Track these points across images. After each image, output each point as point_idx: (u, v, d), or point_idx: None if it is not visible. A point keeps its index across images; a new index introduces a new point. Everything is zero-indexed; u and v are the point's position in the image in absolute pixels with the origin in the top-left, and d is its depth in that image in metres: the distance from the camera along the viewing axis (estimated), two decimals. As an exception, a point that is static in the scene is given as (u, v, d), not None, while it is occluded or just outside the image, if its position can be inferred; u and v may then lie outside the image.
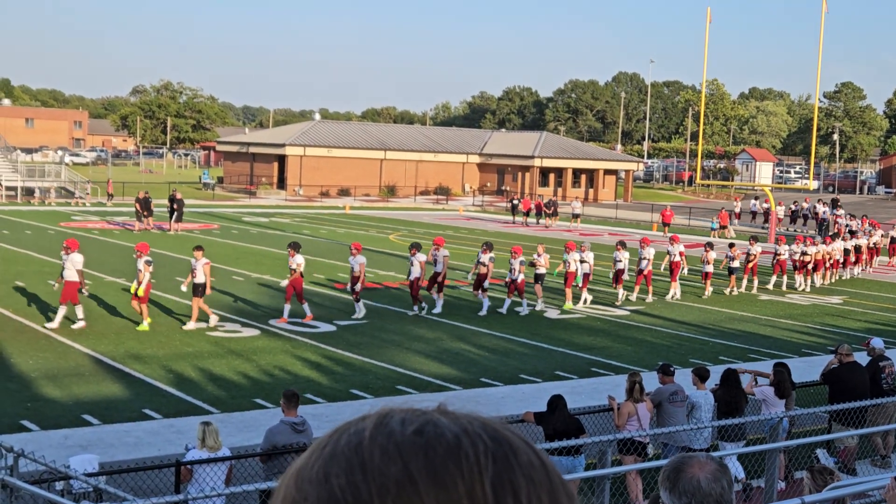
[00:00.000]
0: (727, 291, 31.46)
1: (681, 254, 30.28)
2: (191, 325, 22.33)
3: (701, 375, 13.39)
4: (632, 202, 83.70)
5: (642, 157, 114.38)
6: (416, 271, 24.83)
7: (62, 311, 21.86)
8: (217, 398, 16.62)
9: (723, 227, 54.77)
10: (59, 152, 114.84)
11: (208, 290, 22.73)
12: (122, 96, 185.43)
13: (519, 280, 25.98)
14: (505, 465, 0.95)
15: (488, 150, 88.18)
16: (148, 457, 12.89)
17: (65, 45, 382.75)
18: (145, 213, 46.50)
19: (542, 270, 26.84)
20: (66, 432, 14.39)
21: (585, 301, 27.94)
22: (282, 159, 79.69)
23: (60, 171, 71.95)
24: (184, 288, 23.33)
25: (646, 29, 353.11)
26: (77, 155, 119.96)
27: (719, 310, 28.48)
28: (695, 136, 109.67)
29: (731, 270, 31.55)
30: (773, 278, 33.24)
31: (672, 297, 29.85)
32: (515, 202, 63.38)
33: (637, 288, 29.06)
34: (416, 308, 25.15)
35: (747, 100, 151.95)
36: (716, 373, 14.59)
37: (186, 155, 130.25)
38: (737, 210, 63.13)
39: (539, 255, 26.89)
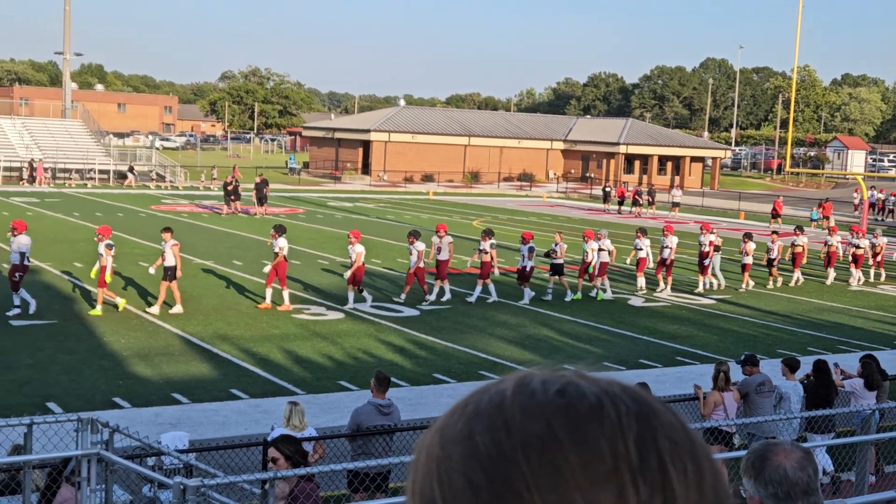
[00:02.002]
0: (770, 284, 29.78)
1: (711, 243, 28.60)
2: (162, 308, 21.83)
3: (790, 366, 13.16)
4: (718, 190, 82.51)
5: (730, 144, 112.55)
6: (414, 259, 24.13)
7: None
8: (302, 379, 16.84)
9: (825, 218, 51.68)
10: (150, 137, 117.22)
11: (178, 273, 22.01)
12: (211, 82, 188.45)
13: (528, 268, 25.13)
14: (647, 426, 0.95)
15: (573, 137, 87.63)
16: (235, 435, 13.12)
17: (156, 31, 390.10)
18: (233, 198, 47.22)
19: (559, 260, 26.11)
20: (156, 410, 14.72)
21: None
22: (367, 145, 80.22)
23: (151, 155, 73.43)
24: (152, 271, 22.60)
25: (735, 14, 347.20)
26: (167, 140, 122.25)
27: (808, 300, 27.95)
28: (784, 124, 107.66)
29: (770, 262, 29.82)
30: (831, 272, 31.50)
31: (716, 286, 28.71)
32: (608, 189, 62.25)
33: (661, 278, 27.82)
34: (428, 297, 24.43)
35: (839, 86, 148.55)
36: (804, 364, 14.32)
37: (273, 140, 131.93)
38: (855, 201, 61.02)
39: (557, 245, 26.23)
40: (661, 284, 27.80)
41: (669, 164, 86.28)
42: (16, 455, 8.81)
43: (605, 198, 61.18)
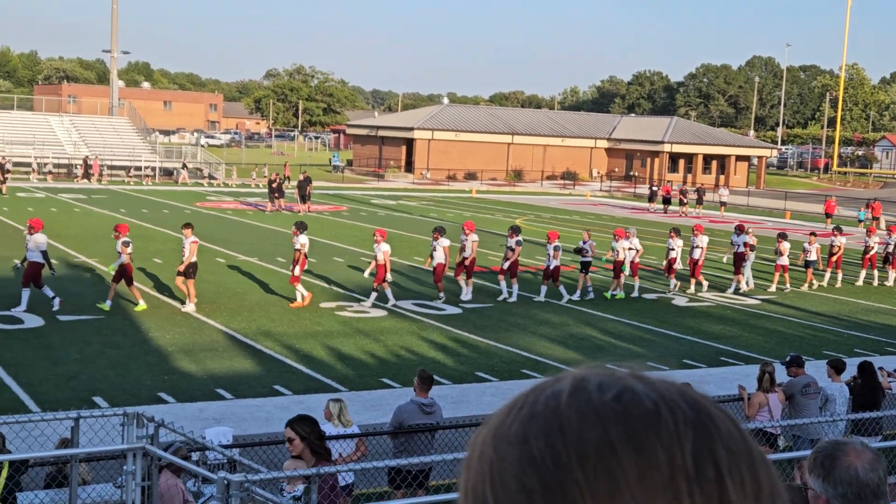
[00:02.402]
0: (805, 287, 29.15)
1: (745, 244, 28.12)
2: (189, 306, 21.86)
3: (836, 367, 13.00)
4: (764, 189, 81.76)
5: (776, 143, 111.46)
6: (439, 256, 23.96)
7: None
8: (345, 376, 16.90)
9: (875, 219, 50.24)
10: (195, 134, 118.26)
11: (182, 267, 21.97)
12: (256, 80, 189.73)
13: (552, 267, 24.77)
14: (705, 435, 0.93)
15: (617, 135, 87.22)
16: (278, 431, 13.18)
17: (202, 30, 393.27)
18: (277, 195, 47.51)
19: (588, 258, 25.80)
20: (200, 405, 14.84)
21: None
22: (410, 143, 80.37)
23: (196, 152, 74.07)
24: (181, 269, 22.70)
25: (782, 12, 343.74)
26: (212, 137, 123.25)
27: (855, 301, 27.61)
28: (832, 123, 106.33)
29: (807, 264, 29.18)
30: (863, 272, 30.87)
31: (743, 288, 28.13)
32: (655, 188, 61.52)
33: (693, 280, 27.39)
34: (442, 295, 24.16)
35: (888, 85, 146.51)
36: (850, 366, 14.15)
37: (317, 138, 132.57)
38: None
39: (585, 242, 25.90)
40: (692, 285, 27.40)
41: (714, 163, 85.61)
42: (63, 448, 8.93)
43: (651, 197, 60.52)
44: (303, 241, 22.98)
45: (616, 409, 0.94)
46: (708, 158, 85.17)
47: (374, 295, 23.29)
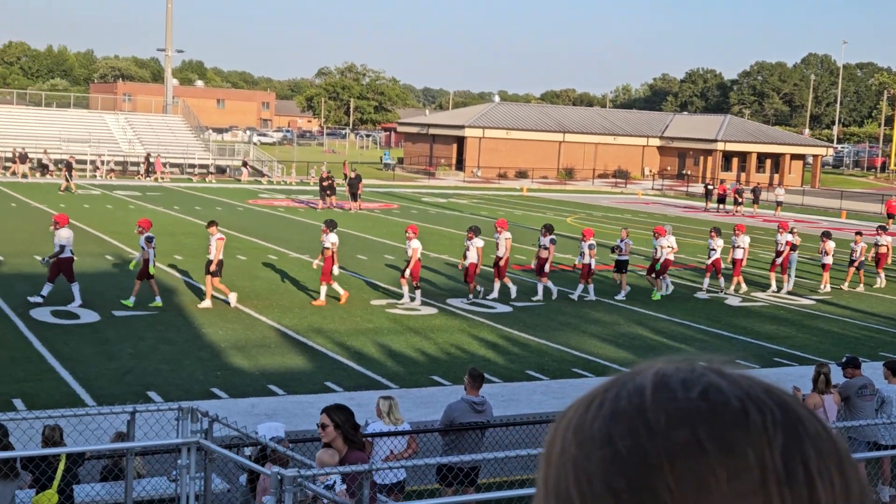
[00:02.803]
0: (844, 286, 28.44)
1: (788, 243, 27.55)
2: (206, 303, 21.75)
3: (893, 369, 12.79)
4: (819, 188, 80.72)
5: (832, 141, 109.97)
6: (472, 256, 23.66)
7: (324, 289, 22.61)
8: (396, 374, 16.94)
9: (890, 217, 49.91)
10: (248, 132, 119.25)
11: (213, 267, 21.72)
12: (308, 78, 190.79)
13: (588, 265, 24.39)
14: (793, 435, 0.92)
15: (669, 134, 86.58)
16: (329, 428, 13.26)
17: (255, 28, 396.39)
18: (328, 192, 47.75)
19: (625, 257, 25.51)
20: (252, 401, 14.96)
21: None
22: (461, 141, 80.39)
23: (249, 150, 74.67)
24: (212, 268, 22.47)
25: (838, 9, 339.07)
26: (264, 135, 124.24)
27: (913, 302, 27.15)
28: (889, 121, 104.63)
29: (851, 263, 28.60)
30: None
31: (784, 290, 27.40)
32: (710, 187, 60.55)
33: (735, 279, 26.91)
34: (471, 295, 23.90)
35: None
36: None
37: (368, 136, 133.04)
38: None
39: (623, 241, 25.57)
40: (735, 284, 26.98)
41: (768, 162, 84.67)
42: (119, 442, 9.05)
43: (707, 196, 59.59)
44: (333, 239, 22.90)
45: (703, 408, 0.92)
46: (762, 157, 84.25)
47: (418, 292, 23.26)
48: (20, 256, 26.95)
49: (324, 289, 22.78)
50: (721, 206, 57.38)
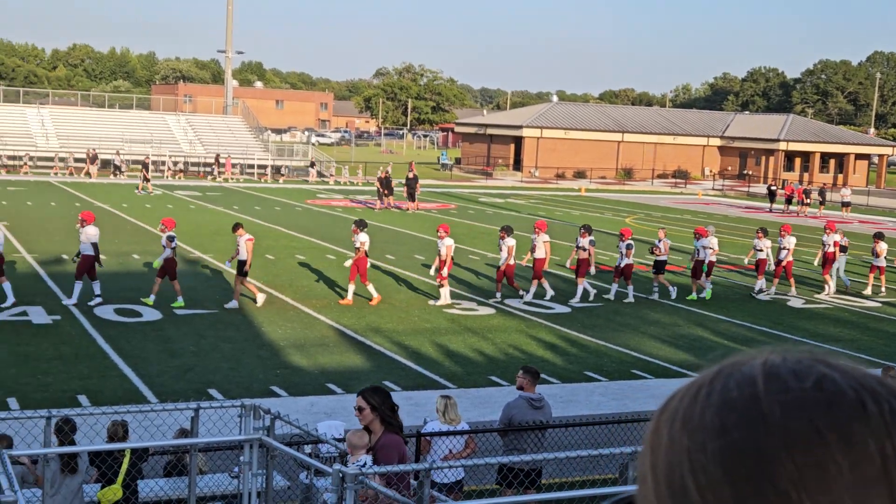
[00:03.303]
0: (882, 290, 27.48)
1: (835, 244, 27.05)
2: (233, 303, 21.64)
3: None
4: (885, 189, 79.35)
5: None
6: (504, 256, 23.42)
7: (351, 287, 22.67)
8: (453, 374, 16.94)
9: None
10: (306, 133, 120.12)
11: (247, 267, 21.70)
12: (366, 79, 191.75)
13: (624, 265, 24.08)
14: None
15: (730, 133, 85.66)
16: (388, 427, 13.29)
17: (313, 30, 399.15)
18: (386, 192, 47.91)
19: (662, 258, 25.05)
20: (311, 399, 15.04)
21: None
22: (518, 141, 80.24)
23: (307, 150, 75.20)
24: (227, 264, 22.33)
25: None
26: (322, 135, 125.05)
27: (981, 305, 26.56)
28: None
29: None
30: None
31: (827, 292, 26.85)
32: (774, 188, 59.37)
33: (776, 280, 26.37)
34: (497, 295, 23.56)
35: None
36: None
37: (425, 136, 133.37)
38: None
39: (659, 241, 25.11)
40: (774, 285, 26.46)
41: (832, 162, 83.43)
42: (182, 438, 9.15)
43: (771, 197, 58.45)
44: (363, 238, 22.73)
45: (819, 398, 0.92)
46: (825, 157, 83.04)
47: (443, 291, 23.05)
48: (84, 255, 27.35)
49: (352, 287, 22.67)
50: (788, 206, 56.52)
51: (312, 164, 66.69)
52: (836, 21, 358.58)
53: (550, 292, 24.13)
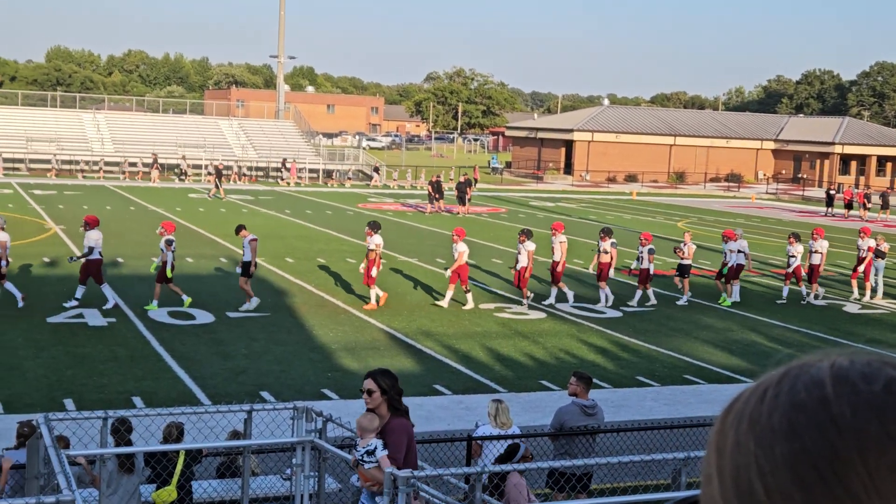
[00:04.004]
0: None
1: (870, 248, 26.35)
2: (254, 301, 21.63)
3: None
4: (942, 192, 77.96)
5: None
6: (523, 260, 23.05)
7: (373, 292, 22.55)
8: (504, 377, 16.91)
9: None
10: (357, 137, 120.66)
11: (252, 268, 21.75)
12: (417, 83, 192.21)
13: (651, 270, 23.72)
14: None
15: (784, 136, 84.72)
16: (438, 430, 13.30)
17: (365, 34, 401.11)
18: (437, 196, 47.99)
19: (687, 262, 24.61)
20: (362, 402, 15.02)
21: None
22: (569, 144, 79.97)
23: (358, 154, 75.52)
24: (238, 269, 22.17)
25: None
26: (373, 139, 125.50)
27: None
28: None
29: None
30: None
31: (868, 298, 26.18)
32: (832, 192, 58.02)
33: (813, 286, 25.82)
34: (525, 301, 23.37)
35: None
36: None
37: (476, 140, 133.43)
38: None
39: (684, 245, 24.70)
40: (806, 290, 25.91)
41: (889, 165, 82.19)
42: (234, 440, 9.22)
43: (829, 201, 57.22)
44: (377, 241, 22.56)
45: (890, 401, 0.92)
46: (882, 160, 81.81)
47: (469, 295, 22.89)
48: (138, 258, 27.71)
49: (373, 292, 22.57)
50: (849, 211, 55.58)
51: (377, 170, 66.85)
52: (893, 22, 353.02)
53: (571, 294, 23.97)
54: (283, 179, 63.14)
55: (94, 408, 13.50)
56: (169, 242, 21.43)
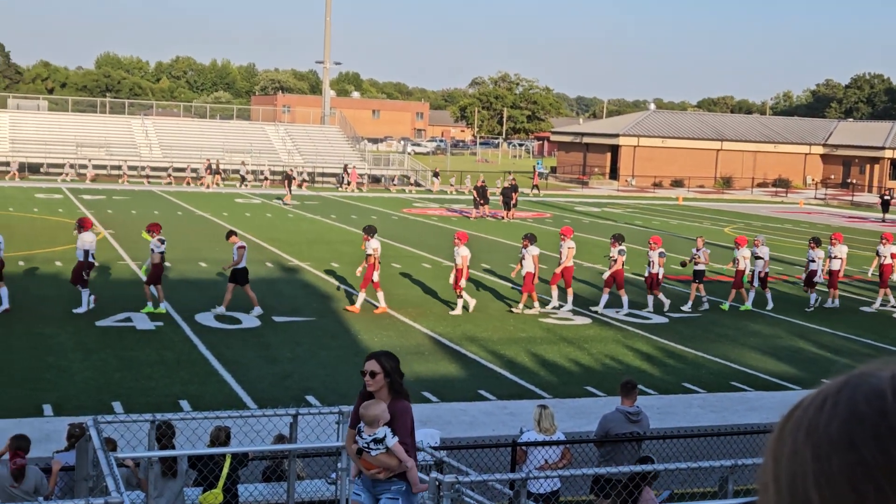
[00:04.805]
0: None
1: (893, 255, 25.74)
2: (256, 310, 21.34)
3: None
4: None
5: None
6: (528, 265, 22.68)
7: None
8: (549, 383, 16.85)
9: None
10: (402, 142, 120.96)
11: (226, 270, 21.58)
12: (461, 88, 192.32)
13: (660, 275, 23.37)
14: None
15: (833, 141, 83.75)
16: (482, 435, 13.28)
17: (410, 40, 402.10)
18: (481, 201, 47.98)
19: (701, 267, 24.10)
20: (407, 407, 15.07)
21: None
22: (615, 149, 79.63)
23: (403, 159, 75.73)
24: (224, 269, 22.03)
25: None
26: (418, 145, 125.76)
27: None
28: None
29: None
30: None
31: (891, 301, 25.56)
32: (887, 197, 57.13)
33: (831, 291, 25.29)
34: (535, 304, 23.04)
35: None
36: None
37: (521, 145, 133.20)
38: None
39: (698, 250, 24.20)
40: (825, 297, 25.43)
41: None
42: (280, 444, 9.26)
43: (885, 206, 56.24)
44: (374, 245, 22.34)
45: None
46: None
47: (460, 302, 22.65)
48: (186, 263, 27.97)
49: (380, 294, 22.36)
50: None
51: (436, 175, 66.86)
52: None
53: (569, 301, 23.66)
54: (344, 184, 63.34)
55: (142, 411, 13.64)
56: (161, 241, 21.22)
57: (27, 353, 17.35)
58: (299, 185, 61.22)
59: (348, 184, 62.95)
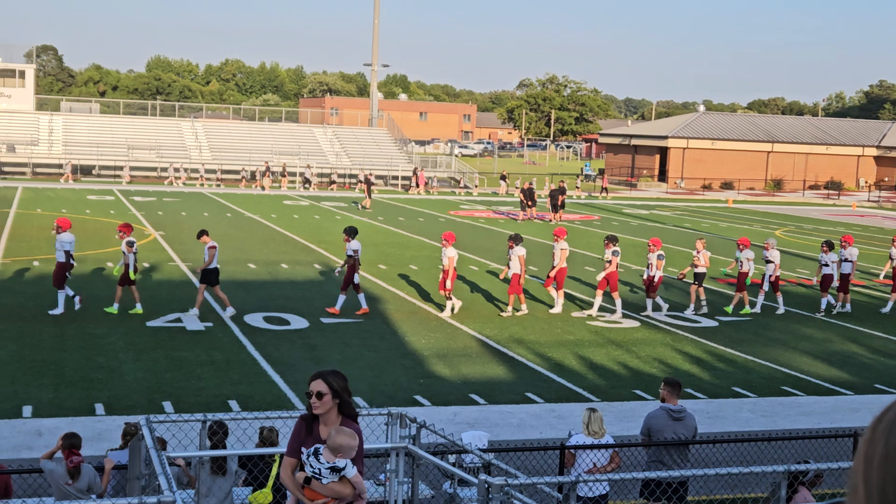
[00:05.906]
0: None
1: None
2: (229, 310, 21.17)
3: None
4: None
5: None
6: (514, 266, 22.27)
7: (342, 298, 22.01)
8: (597, 386, 16.76)
9: None
10: (449, 144, 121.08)
11: (200, 273, 21.27)
12: (509, 90, 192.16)
13: (657, 277, 22.85)
14: None
15: (887, 143, 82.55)
16: (530, 438, 13.25)
17: (457, 42, 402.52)
18: (529, 204, 47.87)
19: (701, 270, 23.64)
20: (454, 409, 15.09)
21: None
22: (664, 151, 79.11)
23: (450, 161, 75.78)
24: (196, 270, 21.85)
25: None
26: (465, 147, 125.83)
27: None
28: None
29: None
30: None
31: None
32: None
33: (841, 295, 24.73)
34: (510, 309, 22.63)
35: None
36: None
37: (569, 147, 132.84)
38: None
39: (698, 253, 23.70)
40: (834, 302, 24.91)
41: None
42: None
43: None
44: (355, 246, 22.06)
45: None
46: None
47: (449, 303, 22.33)
48: (234, 264, 28.18)
49: (342, 297, 21.97)
50: None
51: (504, 178, 66.74)
52: None
53: (559, 305, 23.40)
54: (414, 187, 63.47)
55: (192, 410, 13.77)
56: (130, 244, 20.98)
57: (79, 354, 17.58)
58: (363, 187, 61.68)
59: (416, 186, 63.13)
